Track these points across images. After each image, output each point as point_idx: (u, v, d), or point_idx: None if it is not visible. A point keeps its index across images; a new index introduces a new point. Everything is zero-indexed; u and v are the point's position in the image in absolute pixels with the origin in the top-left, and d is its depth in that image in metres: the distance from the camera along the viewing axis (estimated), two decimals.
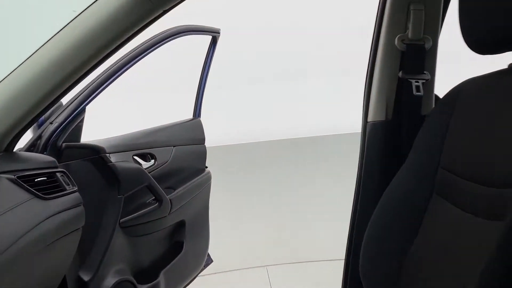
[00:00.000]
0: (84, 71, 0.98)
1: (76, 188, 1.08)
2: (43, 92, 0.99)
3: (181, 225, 1.73)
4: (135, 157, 1.55)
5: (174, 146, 1.75)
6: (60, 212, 0.98)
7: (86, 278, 1.27)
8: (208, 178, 1.91)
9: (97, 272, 1.30)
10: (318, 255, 2.65)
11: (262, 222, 2.70)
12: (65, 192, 1.03)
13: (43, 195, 0.96)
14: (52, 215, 0.96)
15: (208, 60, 1.89)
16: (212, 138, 2.01)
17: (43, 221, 0.93)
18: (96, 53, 0.96)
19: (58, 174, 1.05)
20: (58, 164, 1.09)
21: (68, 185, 1.05)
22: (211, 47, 1.87)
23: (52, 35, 1.02)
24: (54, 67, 0.98)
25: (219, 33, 1.84)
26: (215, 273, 2.50)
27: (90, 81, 1.39)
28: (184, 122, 1.87)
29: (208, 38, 1.85)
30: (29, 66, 1.01)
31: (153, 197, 1.54)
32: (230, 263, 2.62)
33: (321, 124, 2.73)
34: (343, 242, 1.31)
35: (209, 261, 2.05)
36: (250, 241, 2.70)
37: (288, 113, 2.82)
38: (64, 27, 1.01)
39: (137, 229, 1.50)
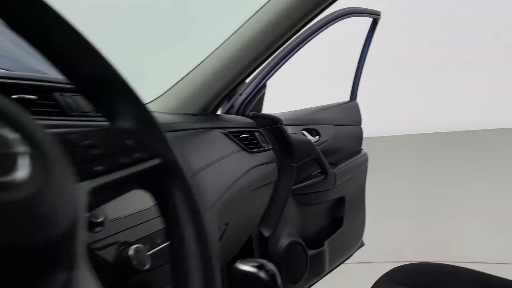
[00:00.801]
0: (270, 51, 1.14)
1: (270, 147, 1.21)
2: (240, 67, 1.16)
3: (341, 201, 1.80)
4: (304, 131, 1.66)
5: (335, 125, 1.82)
6: (261, 164, 1.12)
7: (266, 234, 1.40)
8: (365, 160, 1.95)
9: (274, 231, 1.43)
10: (469, 256, 2.50)
11: (414, 218, 2.63)
12: (262, 148, 1.17)
13: (248, 149, 1.11)
14: (256, 166, 1.10)
15: (368, 43, 1.93)
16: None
17: (250, 169, 1.07)
18: (280, 36, 1.11)
19: (256, 134, 1.19)
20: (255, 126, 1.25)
21: (264, 143, 1.19)
22: (371, 29, 1.91)
23: (247, 19, 1.19)
24: (248, 47, 1.15)
25: (379, 15, 1.87)
26: (358, 262, 2.52)
27: (269, 60, 1.54)
28: (342, 104, 1.94)
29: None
30: (230, 45, 1.19)
31: (319, 170, 1.63)
32: (372, 255, 2.60)
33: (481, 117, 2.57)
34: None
35: (362, 244, 2.08)
36: (395, 234, 2.65)
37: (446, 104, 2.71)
38: (257, 12, 1.17)
39: (304, 197, 1.61)
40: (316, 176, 1.63)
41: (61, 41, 0.35)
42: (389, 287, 0.92)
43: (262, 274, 0.86)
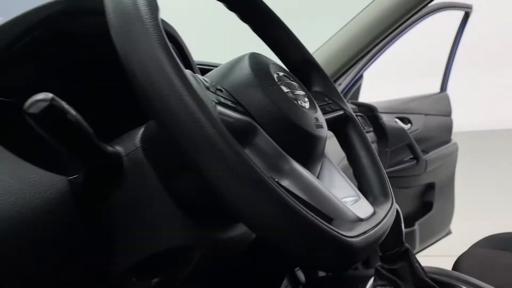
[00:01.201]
0: (376, 42, 1.28)
1: (372, 129, 1.37)
2: (347, 57, 1.32)
3: (431, 186, 1.88)
4: (397, 119, 1.77)
5: (425, 115, 1.91)
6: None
7: None
8: (455, 149, 2.01)
9: None
10: None
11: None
12: (365, 130, 1.32)
13: None
14: None
15: (459, 36, 1.99)
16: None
17: None
18: (384, 30, 1.25)
19: (359, 117, 1.35)
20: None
21: (366, 126, 1.35)
22: (462, 22, 1.97)
23: (357, 13, 1.35)
24: (357, 37, 1.30)
25: (471, 8, 1.93)
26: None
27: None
28: (433, 95, 2.02)
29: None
30: (340, 36, 1.35)
31: (411, 156, 1.74)
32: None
33: None
34: None
35: (449, 231, 2.13)
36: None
37: None
38: (365, 7, 1.32)
39: (397, 181, 1.72)
40: (408, 161, 1.74)
41: (277, 36, 0.55)
42: (485, 251, 1.02)
43: None
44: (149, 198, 0.43)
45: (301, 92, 0.46)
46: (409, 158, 1.76)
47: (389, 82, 2.78)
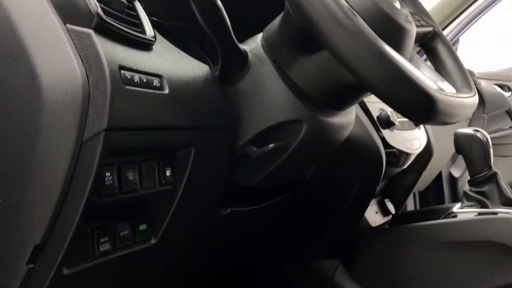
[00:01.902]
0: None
1: None
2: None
3: None
4: (495, 86, 1.73)
5: None
6: None
7: (456, 174, 1.56)
8: None
9: (463, 172, 1.56)
10: None
11: None
12: None
13: None
14: None
15: None
16: None
17: None
18: None
19: None
20: None
21: None
22: None
23: None
24: None
25: None
26: None
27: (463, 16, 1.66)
28: None
29: None
30: None
31: (511, 124, 1.70)
32: None
33: None
34: None
35: None
36: None
37: None
38: None
39: (496, 148, 1.69)
40: (507, 129, 1.69)
41: None
42: None
43: None
44: (267, 83, 0.56)
45: None
46: (508, 126, 1.71)
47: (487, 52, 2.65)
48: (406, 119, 0.89)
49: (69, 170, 0.39)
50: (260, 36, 0.59)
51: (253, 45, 0.58)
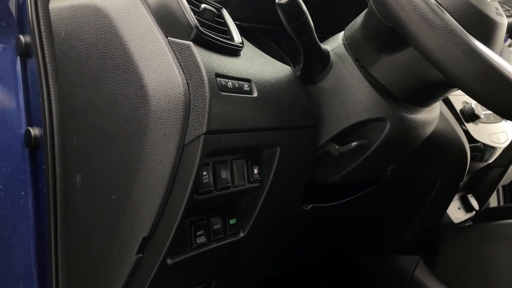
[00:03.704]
0: None
1: None
2: None
3: None
4: None
5: None
6: None
7: None
8: None
9: None
10: None
11: None
12: None
13: None
14: None
15: None
16: None
17: None
18: None
19: None
20: None
21: None
22: None
23: None
24: None
25: None
26: None
27: None
28: None
29: None
30: None
31: None
32: None
33: None
34: None
35: None
36: None
37: None
38: None
39: None
40: None
41: None
42: None
43: None
44: (349, 82, 0.56)
45: None
46: None
47: None
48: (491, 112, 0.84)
49: (172, 170, 0.43)
50: (341, 35, 0.59)
51: (335, 44, 0.59)
